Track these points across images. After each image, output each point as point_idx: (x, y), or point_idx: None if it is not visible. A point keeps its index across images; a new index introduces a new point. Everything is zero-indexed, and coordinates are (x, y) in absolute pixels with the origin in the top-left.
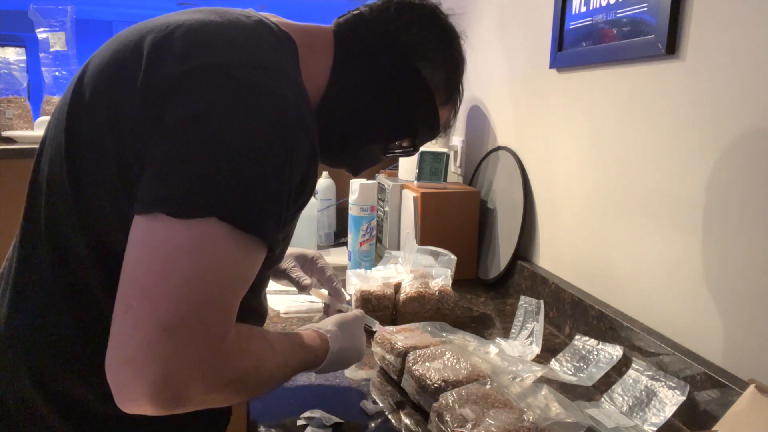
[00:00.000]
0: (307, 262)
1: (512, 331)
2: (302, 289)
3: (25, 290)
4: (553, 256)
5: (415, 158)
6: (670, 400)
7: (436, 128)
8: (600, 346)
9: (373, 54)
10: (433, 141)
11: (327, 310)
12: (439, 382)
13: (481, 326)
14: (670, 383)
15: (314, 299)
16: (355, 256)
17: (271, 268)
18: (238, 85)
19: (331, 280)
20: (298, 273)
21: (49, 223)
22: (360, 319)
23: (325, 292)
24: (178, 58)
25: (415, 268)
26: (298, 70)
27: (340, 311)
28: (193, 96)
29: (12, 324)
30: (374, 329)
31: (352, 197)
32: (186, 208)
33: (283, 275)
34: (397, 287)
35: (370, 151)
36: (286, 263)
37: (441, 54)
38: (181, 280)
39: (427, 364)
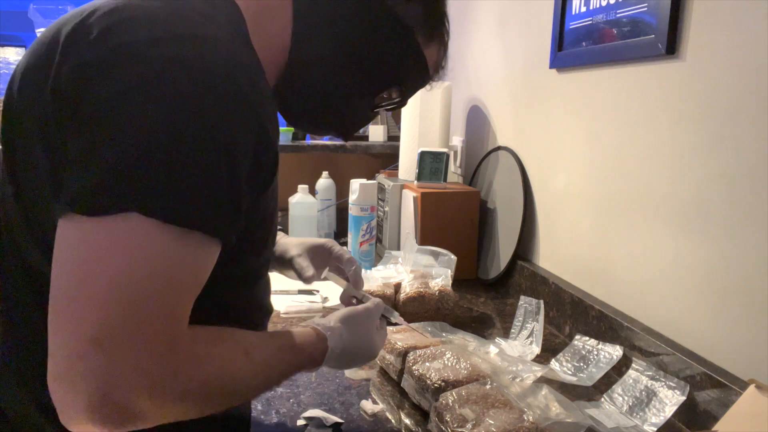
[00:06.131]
0: (319, 251)
1: (512, 331)
2: (305, 280)
3: (5, 300)
4: (553, 256)
5: (414, 158)
6: (670, 400)
7: (424, 71)
8: (600, 346)
9: None
10: (427, 87)
11: (343, 297)
12: (439, 382)
13: (481, 326)
14: (670, 383)
15: (314, 299)
16: (355, 256)
17: (260, 256)
18: (155, 61)
19: (350, 263)
20: (301, 263)
21: (8, 236)
22: (372, 313)
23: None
24: (92, 43)
25: (415, 268)
26: (243, 36)
27: (355, 298)
28: (106, 81)
29: (4, 337)
30: (393, 320)
31: (352, 197)
32: (99, 205)
33: (289, 265)
34: (397, 287)
35: (355, 108)
36: (294, 251)
37: None
38: (103, 285)
39: (427, 364)
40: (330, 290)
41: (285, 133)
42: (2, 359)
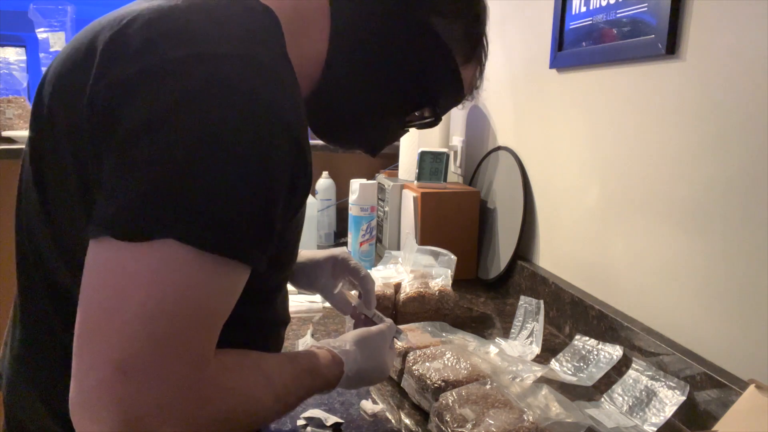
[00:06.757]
0: (337, 264)
1: (512, 331)
2: (342, 311)
3: (26, 312)
4: (553, 256)
5: (414, 158)
6: (670, 400)
7: (459, 91)
8: (600, 346)
9: (376, 15)
10: (459, 107)
11: (353, 313)
12: (439, 382)
13: (481, 326)
14: (670, 383)
15: (314, 299)
16: (355, 256)
17: (284, 272)
18: (196, 80)
19: (366, 281)
20: (338, 301)
21: (32, 247)
22: (386, 334)
23: (354, 293)
24: (132, 57)
25: (415, 268)
26: (281, 49)
27: (365, 316)
28: (145, 99)
29: (23, 348)
30: (399, 340)
31: (352, 197)
32: (135, 230)
33: (317, 288)
34: (397, 287)
35: (386, 126)
36: (316, 273)
37: (455, 5)
38: (134, 313)
39: (427, 364)
40: None
41: None
42: (21, 370)
